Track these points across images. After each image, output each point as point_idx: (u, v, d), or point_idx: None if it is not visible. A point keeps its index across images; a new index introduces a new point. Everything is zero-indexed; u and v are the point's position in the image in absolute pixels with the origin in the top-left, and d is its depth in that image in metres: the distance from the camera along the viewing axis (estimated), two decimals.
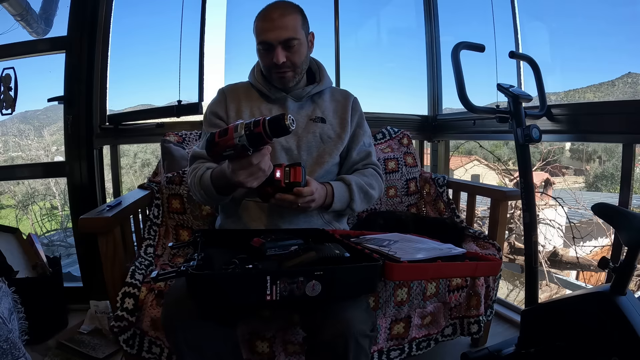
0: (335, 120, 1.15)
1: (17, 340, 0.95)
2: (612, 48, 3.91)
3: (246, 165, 0.81)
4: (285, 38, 1.01)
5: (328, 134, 1.12)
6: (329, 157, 1.10)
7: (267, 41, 1.02)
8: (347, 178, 1.08)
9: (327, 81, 1.16)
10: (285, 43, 1.02)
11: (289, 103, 1.11)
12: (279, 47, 1.02)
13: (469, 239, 1.32)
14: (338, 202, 1.04)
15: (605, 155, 6.55)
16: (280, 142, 1.06)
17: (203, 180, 0.98)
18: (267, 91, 1.11)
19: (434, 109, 2.03)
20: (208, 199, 1.00)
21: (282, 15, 1.01)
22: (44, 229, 3.61)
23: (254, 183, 0.84)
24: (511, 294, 3.68)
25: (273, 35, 1.01)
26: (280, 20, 1.01)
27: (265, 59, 1.06)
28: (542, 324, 1.06)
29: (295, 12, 1.04)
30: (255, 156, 0.80)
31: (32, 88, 1.88)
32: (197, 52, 1.64)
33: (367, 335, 0.77)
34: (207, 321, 0.76)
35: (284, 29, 1.01)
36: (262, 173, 0.84)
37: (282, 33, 1.01)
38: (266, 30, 1.01)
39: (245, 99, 1.13)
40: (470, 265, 0.84)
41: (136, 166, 5.22)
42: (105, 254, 0.98)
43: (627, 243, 0.91)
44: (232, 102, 1.12)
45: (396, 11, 2.65)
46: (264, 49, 1.04)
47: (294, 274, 0.70)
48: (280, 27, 1.01)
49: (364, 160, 1.16)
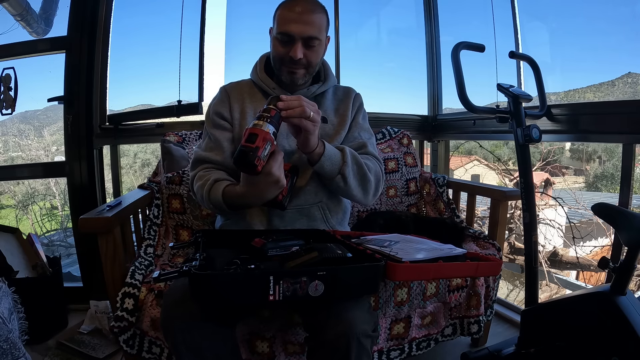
0: (337, 120, 1.12)
1: (17, 340, 0.95)
2: (612, 48, 3.91)
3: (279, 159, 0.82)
4: (308, 35, 0.97)
5: (329, 134, 1.09)
6: None
7: (289, 33, 0.97)
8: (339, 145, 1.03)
9: (331, 80, 1.13)
10: (307, 40, 0.98)
11: None
12: (300, 42, 0.97)
13: (469, 239, 1.32)
14: (328, 158, 0.95)
15: (605, 155, 6.55)
16: (283, 146, 1.04)
17: (213, 197, 0.94)
18: (270, 90, 1.07)
19: (434, 109, 2.03)
20: (218, 212, 0.98)
21: (310, 11, 0.97)
22: (44, 229, 3.61)
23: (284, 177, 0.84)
24: (511, 294, 3.68)
25: (297, 29, 0.96)
26: (308, 16, 0.96)
27: (280, 50, 1.00)
28: (542, 324, 1.06)
29: (323, 11, 1.01)
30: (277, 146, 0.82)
31: (32, 88, 1.88)
32: (197, 52, 1.64)
33: (369, 335, 0.77)
34: (207, 322, 0.76)
35: (310, 25, 0.97)
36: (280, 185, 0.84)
37: (307, 29, 0.96)
38: (291, 21, 0.96)
39: (249, 99, 1.09)
40: (471, 265, 0.84)
41: (136, 166, 5.22)
42: (105, 254, 0.98)
43: (627, 243, 0.91)
44: (236, 102, 1.08)
45: (396, 11, 2.65)
46: (282, 40, 0.98)
47: (296, 274, 0.70)
48: (306, 23, 0.96)
49: (359, 150, 1.07)
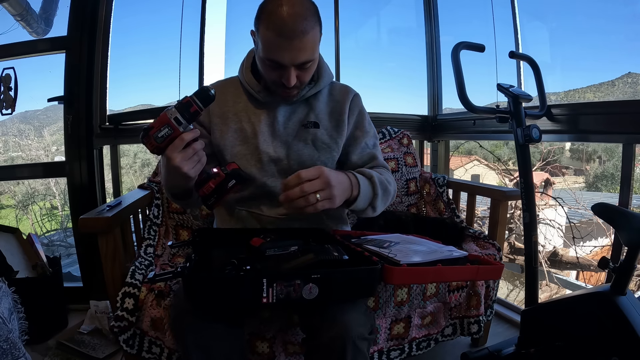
0: (330, 124, 1.01)
1: (17, 340, 0.95)
2: (612, 47, 3.92)
3: (178, 144, 0.74)
4: (301, 61, 0.86)
5: (322, 140, 0.99)
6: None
7: (279, 62, 0.85)
8: (365, 170, 0.94)
9: (326, 78, 1.01)
10: (300, 65, 0.86)
11: (280, 107, 0.99)
12: (292, 68, 0.86)
13: (469, 239, 1.32)
14: (363, 196, 0.88)
15: (605, 155, 6.55)
16: (268, 153, 0.97)
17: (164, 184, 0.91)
18: (255, 93, 0.98)
19: (434, 109, 2.03)
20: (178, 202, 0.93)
21: (302, 34, 0.82)
22: (44, 229, 3.61)
23: (190, 170, 0.76)
24: (511, 294, 3.68)
25: (288, 58, 0.84)
26: (300, 41, 0.82)
27: (271, 75, 0.90)
28: (542, 324, 1.06)
29: (315, 24, 0.85)
30: (188, 133, 0.75)
31: (32, 88, 1.89)
32: (197, 51, 1.64)
33: (366, 338, 0.77)
34: (217, 322, 0.76)
35: (302, 51, 0.84)
36: (196, 156, 0.76)
37: (299, 56, 0.84)
38: (280, 49, 0.83)
39: (232, 102, 1.01)
40: (471, 269, 0.82)
41: (136, 166, 5.22)
42: (105, 254, 0.98)
43: (627, 243, 0.91)
44: (217, 104, 0.97)
45: (396, 11, 2.66)
46: (272, 65, 0.87)
47: (290, 276, 0.69)
48: (299, 49, 0.83)
49: (369, 163, 1.03)
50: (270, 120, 1.00)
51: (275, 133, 0.99)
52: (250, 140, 0.99)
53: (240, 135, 1.00)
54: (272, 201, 0.99)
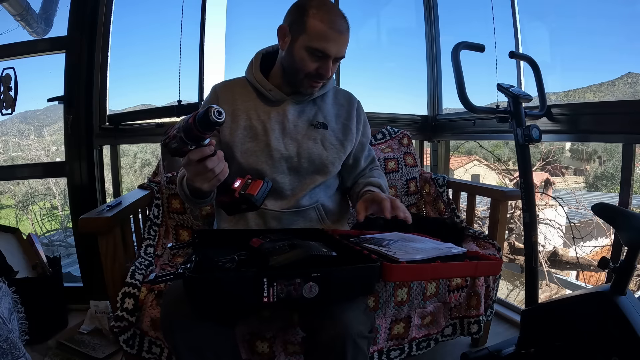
0: (338, 127, 1.08)
1: (17, 340, 0.95)
2: (612, 47, 3.92)
3: (190, 162, 0.73)
4: (341, 55, 0.96)
5: (330, 141, 1.05)
6: (332, 167, 1.05)
7: (326, 52, 0.93)
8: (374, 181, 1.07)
9: (331, 81, 1.09)
10: (338, 59, 0.97)
11: (289, 106, 1.03)
12: (331, 60, 0.95)
13: (469, 239, 1.32)
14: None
15: (605, 155, 6.55)
16: (279, 150, 1.00)
17: (180, 183, 0.92)
18: (266, 92, 1.03)
19: (434, 109, 2.03)
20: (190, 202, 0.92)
21: (347, 30, 0.95)
22: (44, 229, 3.61)
23: (204, 184, 0.75)
24: (511, 294, 3.68)
25: (335, 49, 0.94)
26: (346, 36, 0.95)
27: (310, 65, 0.95)
28: (542, 324, 1.06)
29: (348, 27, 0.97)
30: (194, 152, 0.71)
31: (32, 88, 1.89)
32: (197, 51, 1.64)
33: (365, 336, 0.77)
34: (207, 322, 0.76)
35: (344, 46, 0.95)
36: (211, 173, 0.74)
37: (342, 50, 0.95)
38: (331, 41, 0.92)
39: (241, 100, 1.04)
40: (470, 265, 0.83)
41: (136, 166, 5.22)
42: (105, 254, 0.98)
43: (627, 243, 0.91)
44: (226, 103, 1.03)
45: (396, 11, 2.66)
46: (316, 55, 0.94)
47: (290, 275, 0.69)
48: (344, 43, 0.95)
49: (370, 165, 1.17)
50: (281, 119, 1.03)
51: (285, 131, 1.02)
52: (260, 137, 1.01)
53: (250, 132, 1.02)
54: (278, 197, 1.02)
